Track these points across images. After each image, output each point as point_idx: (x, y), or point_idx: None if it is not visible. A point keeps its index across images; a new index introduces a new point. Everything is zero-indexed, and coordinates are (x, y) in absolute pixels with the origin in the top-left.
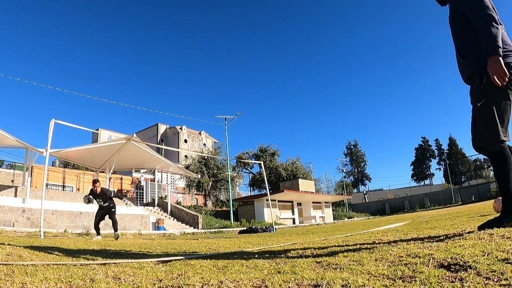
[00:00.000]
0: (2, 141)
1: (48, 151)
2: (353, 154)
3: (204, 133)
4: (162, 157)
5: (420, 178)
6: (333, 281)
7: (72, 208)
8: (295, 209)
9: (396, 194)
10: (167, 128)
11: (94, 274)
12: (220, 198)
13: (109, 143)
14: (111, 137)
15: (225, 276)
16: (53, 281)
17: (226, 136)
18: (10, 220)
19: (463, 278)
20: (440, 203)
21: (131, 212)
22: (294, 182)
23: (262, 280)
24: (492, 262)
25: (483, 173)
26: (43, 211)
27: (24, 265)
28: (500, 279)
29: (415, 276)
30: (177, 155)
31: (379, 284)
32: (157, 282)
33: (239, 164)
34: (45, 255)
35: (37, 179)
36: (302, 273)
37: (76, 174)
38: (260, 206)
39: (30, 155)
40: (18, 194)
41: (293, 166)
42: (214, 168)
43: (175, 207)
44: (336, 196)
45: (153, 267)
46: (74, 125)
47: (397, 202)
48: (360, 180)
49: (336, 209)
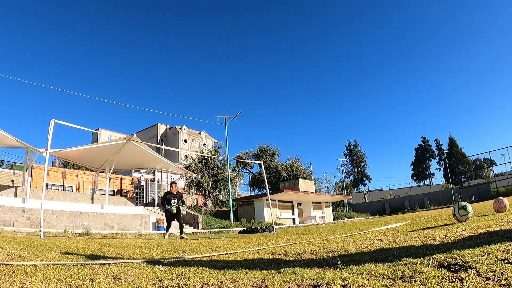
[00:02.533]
0: (2, 141)
1: (48, 151)
2: (353, 154)
3: (204, 133)
4: (162, 157)
5: (420, 178)
6: (333, 281)
7: (72, 208)
8: (295, 209)
9: (396, 194)
10: (167, 128)
11: (94, 274)
12: (220, 198)
13: (109, 143)
14: (111, 137)
15: (225, 276)
16: (53, 281)
17: (226, 136)
18: (10, 220)
19: (463, 278)
20: (440, 203)
21: (131, 212)
22: (294, 182)
23: (262, 280)
24: (492, 262)
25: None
26: (43, 211)
27: (24, 265)
28: (500, 279)
29: (415, 276)
30: (177, 155)
31: (379, 284)
32: (157, 282)
33: (239, 164)
34: (45, 255)
35: (37, 179)
36: (302, 273)
37: (76, 174)
38: (260, 206)
39: (30, 155)
40: (18, 194)
41: (293, 166)
42: (214, 168)
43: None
44: (336, 196)
45: (153, 267)
46: (74, 125)
47: (397, 202)
48: (360, 180)
49: (336, 209)
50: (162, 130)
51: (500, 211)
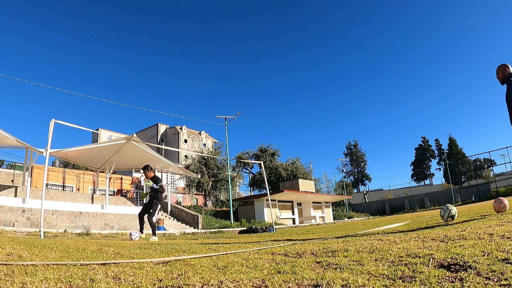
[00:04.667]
0: (2, 141)
1: (48, 151)
2: (353, 154)
3: (204, 133)
4: (162, 157)
5: (420, 178)
6: (333, 281)
7: (72, 208)
8: (295, 209)
9: (396, 194)
10: (167, 128)
11: (94, 274)
12: (220, 198)
13: (109, 143)
14: (111, 137)
15: (225, 276)
16: (53, 281)
17: (226, 136)
18: (10, 220)
19: (463, 278)
20: (440, 203)
21: (131, 212)
22: (294, 182)
23: (262, 280)
24: (492, 262)
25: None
26: (43, 211)
27: (24, 265)
28: (500, 279)
29: (415, 276)
30: (177, 155)
31: (379, 284)
32: (157, 282)
33: (239, 164)
34: (45, 255)
35: (37, 179)
36: (302, 273)
37: (76, 174)
38: (260, 206)
39: (30, 155)
40: (18, 194)
41: (293, 166)
42: (214, 168)
43: (175, 207)
44: (336, 196)
45: (153, 267)
46: (74, 125)
47: (397, 202)
48: (360, 180)
49: (336, 209)
50: (162, 130)
51: (500, 211)
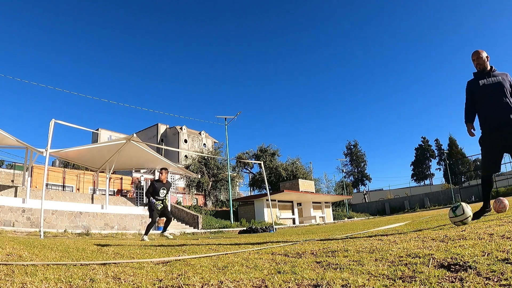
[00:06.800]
0: (2, 141)
1: (48, 151)
2: (353, 154)
3: (204, 133)
4: (162, 157)
5: (420, 178)
6: (333, 281)
7: (72, 208)
8: (295, 209)
9: (396, 194)
10: (167, 128)
11: (94, 274)
12: (220, 198)
13: (109, 143)
14: (111, 137)
15: (225, 276)
16: (53, 281)
17: (226, 136)
18: (10, 220)
19: (463, 278)
20: (440, 203)
21: (131, 212)
22: (294, 182)
23: (262, 280)
24: (492, 262)
25: None
26: (43, 211)
27: (24, 265)
28: (500, 279)
29: (415, 276)
30: (177, 155)
31: (379, 284)
32: (157, 282)
33: (239, 164)
34: (45, 255)
35: (37, 179)
36: (302, 273)
37: (76, 174)
38: (260, 206)
39: (30, 155)
40: (18, 194)
41: (293, 166)
42: (214, 168)
43: (175, 207)
44: (336, 196)
45: (153, 267)
46: (74, 125)
47: (397, 202)
48: (360, 180)
49: (336, 209)
50: (162, 130)
51: (500, 211)
